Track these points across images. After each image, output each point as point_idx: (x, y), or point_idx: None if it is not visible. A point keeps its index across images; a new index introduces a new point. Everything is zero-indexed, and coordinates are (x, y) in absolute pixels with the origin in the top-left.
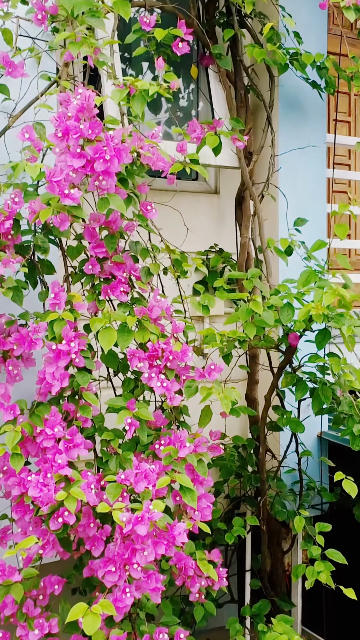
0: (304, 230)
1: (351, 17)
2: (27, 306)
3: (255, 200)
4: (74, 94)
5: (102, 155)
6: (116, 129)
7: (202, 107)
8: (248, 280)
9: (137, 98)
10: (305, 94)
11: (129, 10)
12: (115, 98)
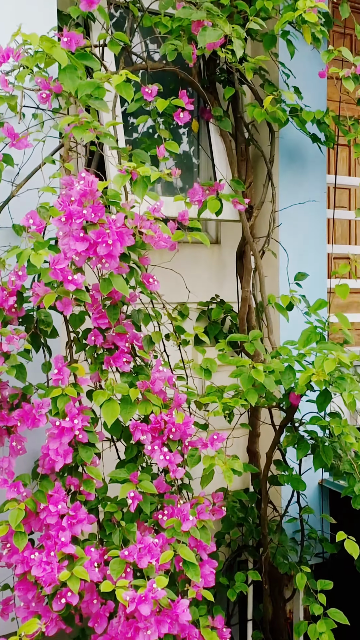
0: (305, 281)
1: (350, 86)
2: (29, 368)
3: (256, 255)
4: (77, 178)
5: (104, 239)
6: (118, 214)
7: (202, 156)
8: (249, 343)
9: (139, 184)
10: (306, 146)
11: (131, 92)
12: (117, 183)
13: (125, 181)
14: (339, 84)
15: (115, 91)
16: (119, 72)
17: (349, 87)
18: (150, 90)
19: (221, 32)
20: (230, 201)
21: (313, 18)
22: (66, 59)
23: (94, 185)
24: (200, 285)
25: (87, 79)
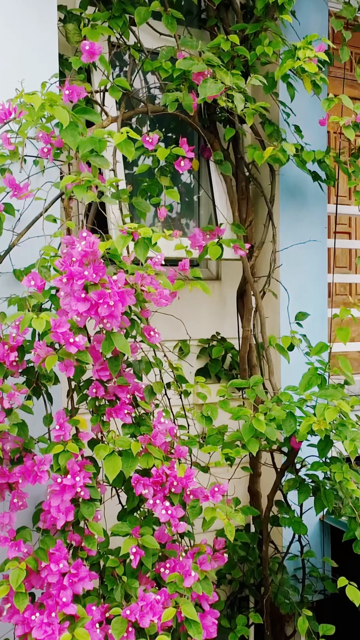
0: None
1: (350, 135)
2: (30, 416)
3: (257, 296)
4: (78, 238)
5: (106, 300)
6: (119, 272)
7: (203, 193)
8: (250, 389)
9: (140, 245)
10: (306, 182)
11: (132, 150)
12: (118, 245)
13: (127, 243)
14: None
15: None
16: (120, 115)
17: (349, 135)
18: (151, 139)
19: (222, 85)
20: (231, 246)
21: (313, 68)
22: (67, 119)
23: (95, 246)
24: (201, 322)
25: (87, 132)
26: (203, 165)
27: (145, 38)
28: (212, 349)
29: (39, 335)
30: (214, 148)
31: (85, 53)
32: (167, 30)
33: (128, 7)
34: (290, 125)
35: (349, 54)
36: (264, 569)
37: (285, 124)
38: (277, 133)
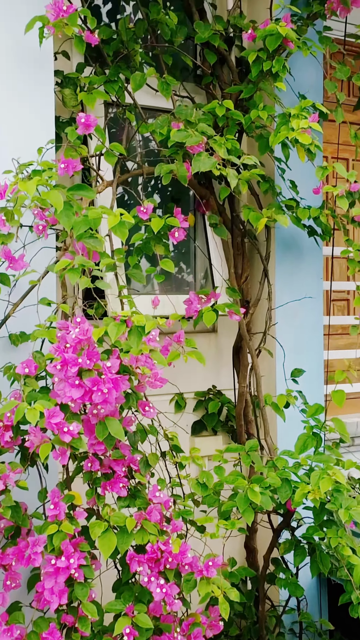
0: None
1: (344, 205)
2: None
3: (252, 354)
4: (73, 324)
5: (100, 387)
6: (112, 359)
7: (199, 240)
8: (245, 454)
9: (134, 332)
10: (302, 237)
11: (126, 232)
12: (112, 334)
13: (120, 332)
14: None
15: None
16: (115, 179)
17: (343, 205)
18: (146, 209)
19: (215, 160)
20: (226, 312)
21: (307, 140)
22: (61, 204)
23: (88, 334)
24: (198, 374)
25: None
26: (199, 220)
27: (141, 94)
28: (209, 403)
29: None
30: (209, 205)
31: (81, 125)
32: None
33: (124, 71)
34: (286, 180)
35: (343, 115)
36: (260, 629)
37: (280, 178)
38: (272, 190)
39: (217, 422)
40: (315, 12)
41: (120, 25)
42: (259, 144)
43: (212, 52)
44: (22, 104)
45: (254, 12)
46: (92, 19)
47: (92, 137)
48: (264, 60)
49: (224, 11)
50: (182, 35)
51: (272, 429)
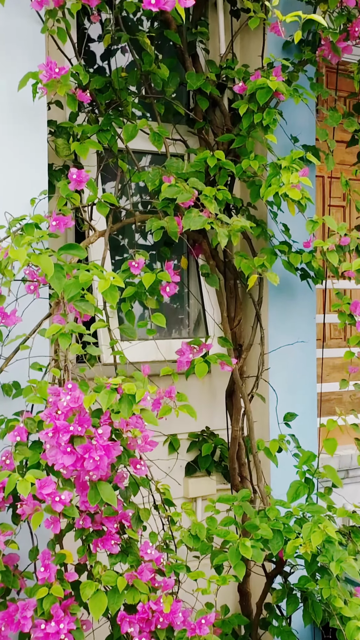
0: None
1: (334, 260)
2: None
3: (245, 399)
4: (65, 389)
5: (91, 455)
6: (104, 426)
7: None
8: (237, 505)
9: (124, 401)
10: (294, 279)
11: (117, 296)
12: (103, 402)
13: (112, 400)
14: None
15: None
16: (108, 229)
17: (333, 260)
18: (137, 264)
19: (205, 218)
20: (218, 363)
21: (297, 195)
22: (52, 269)
23: (80, 401)
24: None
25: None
26: (192, 262)
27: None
28: (202, 445)
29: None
30: (201, 249)
31: (73, 181)
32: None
33: (116, 120)
34: (279, 223)
35: (334, 163)
36: None
37: (272, 222)
38: (264, 234)
39: (211, 463)
40: (307, 59)
41: (113, 74)
42: (251, 191)
43: (204, 98)
44: (15, 153)
45: (247, 54)
46: (84, 74)
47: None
48: (254, 112)
49: (217, 55)
50: (174, 85)
51: (265, 471)
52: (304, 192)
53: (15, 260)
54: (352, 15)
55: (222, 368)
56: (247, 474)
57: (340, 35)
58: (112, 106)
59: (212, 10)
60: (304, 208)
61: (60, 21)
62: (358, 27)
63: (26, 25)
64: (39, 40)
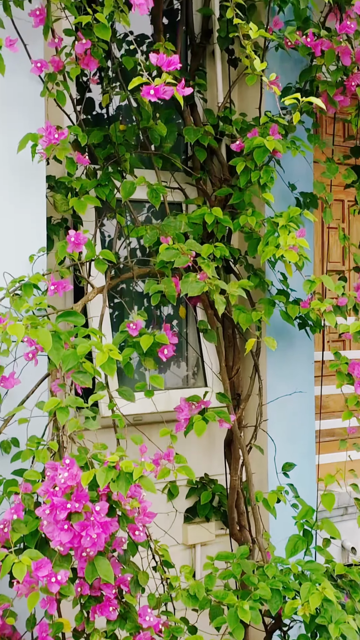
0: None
1: (332, 322)
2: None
3: (243, 450)
4: (62, 464)
5: (88, 533)
6: (101, 502)
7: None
8: (235, 563)
9: (122, 478)
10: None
11: (115, 367)
12: (100, 481)
13: (109, 478)
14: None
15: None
16: (106, 285)
17: (331, 322)
18: (135, 325)
19: (203, 284)
20: (217, 420)
21: (294, 258)
22: (50, 343)
23: (77, 478)
24: (190, 460)
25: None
26: (190, 312)
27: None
28: (201, 492)
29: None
30: (199, 298)
31: (72, 244)
32: (152, 180)
33: (115, 175)
34: (276, 272)
35: (332, 217)
36: None
37: (271, 269)
38: (262, 285)
39: (210, 510)
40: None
41: (111, 129)
42: (249, 245)
43: (202, 149)
44: (14, 209)
45: (245, 101)
46: (83, 136)
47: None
48: (252, 170)
49: (215, 102)
50: (172, 141)
51: (264, 517)
52: (302, 252)
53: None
54: (349, 69)
55: (221, 425)
56: (245, 523)
57: (337, 89)
58: (111, 161)
59: (209, 58)
60: (302, 267)
61: (59, 84)
62: (355, 82)
63: (27, 85)
64: (38, 99)
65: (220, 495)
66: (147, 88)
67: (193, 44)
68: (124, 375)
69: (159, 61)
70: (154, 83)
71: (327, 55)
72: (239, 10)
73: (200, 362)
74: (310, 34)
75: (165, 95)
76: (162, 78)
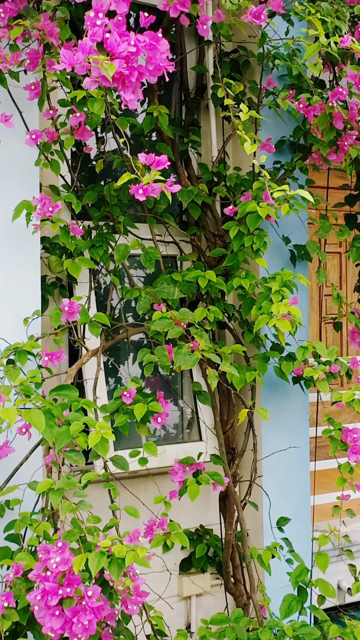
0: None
1: (325, 390)
2: None
3: (238, 507)
4: (55, 547)
5: (80, 619)
6: (93, 587)
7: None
8: (230, 627)
9: (114, 564)
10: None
11: (108, 447)
12: (92, 567)
13: (101, 564)
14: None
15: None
16: (100, 347)
17: (324, 390)
18: (129, 393)
19: (197, 357)
20: (210, 483)
21: (286, 327)
22: (43, 424)
23: (70, 563)
24: (185, 509)
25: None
26: None
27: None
28: (197, 544)
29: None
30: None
31: (65, 313)
32: (147, 234)
33: (109, 236)
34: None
35: (325, 276)
36: None
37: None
38: (256, 341)
39: (205, 561)
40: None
41: (105, 190)
42: (243, 305)
43: (197, 206)
44: (9, 271)
45: (239, 154)
46: (77, 203)
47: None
48: (245, 234)
49: (209, 157)
50: (165, 203)
51: (259, 569)
52: (295, 318)
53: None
54: (341, 130)
55: (214, 489)
56: (240, 577)
57: (330, 148)
58: (105, 222)
59: (204, 112)
60: (295, 331)
61: (54, 153)
62: (348, 141)
63: (22, 149)
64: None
65: (216, 548)
66: (136, 187)
67: (187, 99)
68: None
69: (148, 160)
70: (143, 181)
71: (320, 120)
72: (232, 66)
73: (196, 416)
74: (303, 101)
75: (153, 193)
76: (151, 176)
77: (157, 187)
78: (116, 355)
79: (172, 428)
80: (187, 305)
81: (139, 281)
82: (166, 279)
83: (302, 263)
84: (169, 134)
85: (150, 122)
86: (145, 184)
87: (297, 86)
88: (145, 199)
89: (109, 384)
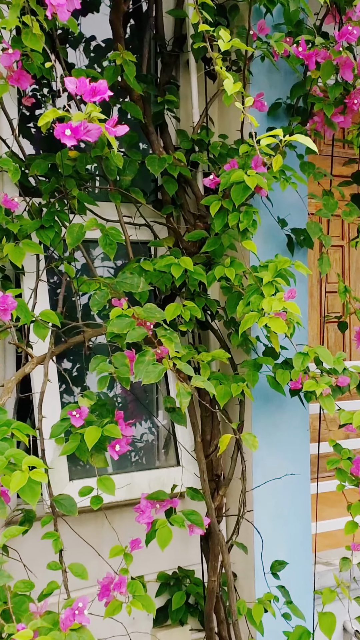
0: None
1: (331, 410)
2: None
3: (223, 550)
4: None
5: None
6: None
7: None
8: None
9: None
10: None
11: (38, 492)
12: None
13: None
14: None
15: None
16: (49, 353)
17: (330, 409)
18: (79, 414)
19: (163, 368)
20: (186, 526)
21: (281, 329)
22: None
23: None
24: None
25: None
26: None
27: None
28: (174, 592)
29: None
30: None
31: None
32: (112, 215)
33: (62, 215)
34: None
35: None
36: None
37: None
38: (246, 345)
39: (185, 612)
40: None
41: (57, 157)
42: (228, 300)
43: (173, 180)
44: None
45: (226, 121)
46: (14, 170)
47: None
48: (229, 211)
49: (190, 121)
50: (132, 173)
51: (250, 627)
52: (292, 316)
53: None
54: (350, 84)
55: (191, 533)
56: (226, 634)
57: (336, 108)
58: (57, 197)
59: (184, 69)
60: (292, 333)
61: None
62: (357, 99)
63: None
64: None
65: (197, 596)
66: (62, 127)
67: (163, 52)
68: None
69: (79, 88)
70: (73, 119)
71: (324, 69)
72: (218, 11)
73: (173, 437)
74: (303, 43)
75: (88, 136)
76: (85, 112)
77: (94, 128)
78: (83, 361)
79: (144, 451)
80: (161, 301)
81: (107, 273)
82: (134, 269)
83: (300, 252)
84: (137, 90)
85: (114, 72)
86: (75, 123)
87: (295, 34)
88: (76, 143)
89: (74, 395)
